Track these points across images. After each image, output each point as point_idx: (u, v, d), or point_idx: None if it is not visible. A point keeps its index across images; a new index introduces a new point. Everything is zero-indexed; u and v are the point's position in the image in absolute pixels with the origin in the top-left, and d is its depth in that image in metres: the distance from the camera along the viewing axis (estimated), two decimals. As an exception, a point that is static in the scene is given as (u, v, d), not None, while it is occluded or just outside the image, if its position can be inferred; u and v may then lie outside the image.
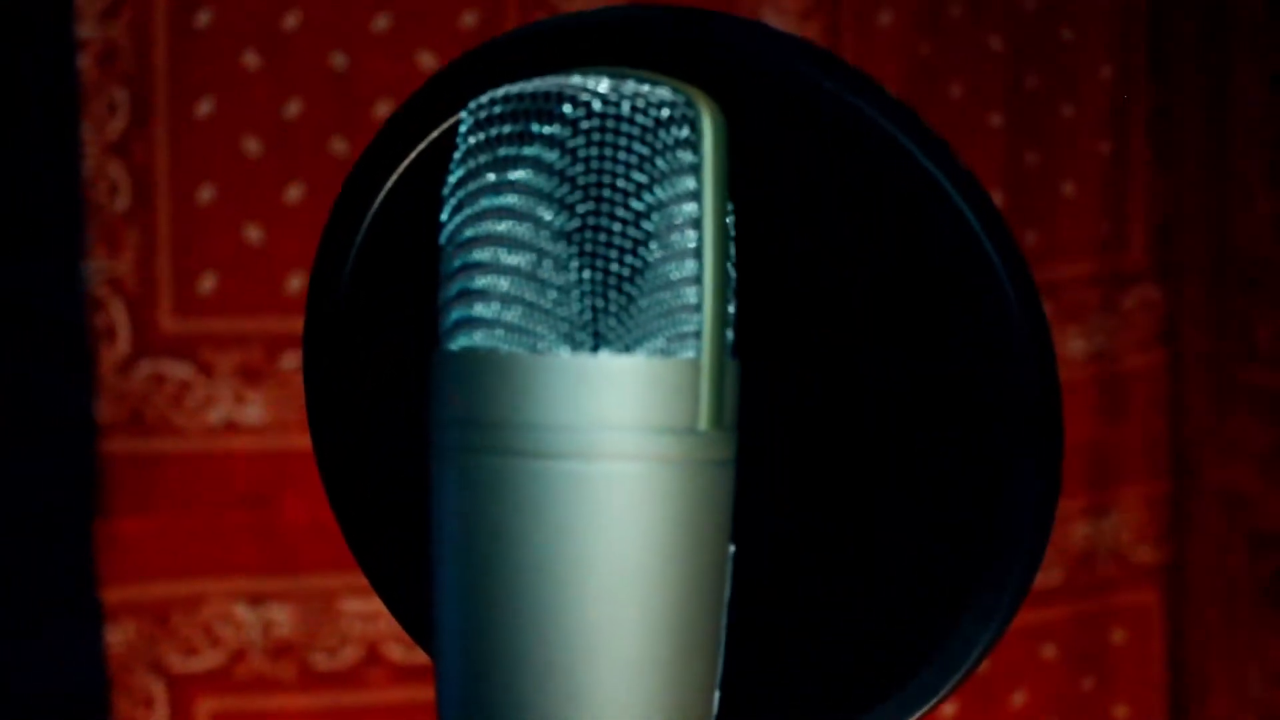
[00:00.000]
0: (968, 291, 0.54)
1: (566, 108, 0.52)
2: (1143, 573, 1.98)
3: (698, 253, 0.52)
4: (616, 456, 0.50)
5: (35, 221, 1.71)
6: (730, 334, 0.53)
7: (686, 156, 0.52)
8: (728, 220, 0.53)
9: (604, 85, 0.52)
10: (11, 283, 1.70)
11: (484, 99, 0.53)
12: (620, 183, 0.51)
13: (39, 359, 1.71)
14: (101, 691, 1.71)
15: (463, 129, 0.53)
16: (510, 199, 0.52)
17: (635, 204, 0.51)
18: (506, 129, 0.52)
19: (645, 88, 0.52)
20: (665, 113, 0.52)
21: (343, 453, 0.62)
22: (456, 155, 0.53)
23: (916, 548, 0.56)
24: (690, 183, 0.52)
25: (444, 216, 0.54)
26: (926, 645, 0.56)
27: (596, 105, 0.52)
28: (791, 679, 0.57)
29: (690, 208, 0.52)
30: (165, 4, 1.73)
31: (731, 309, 0.53)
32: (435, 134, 0.59)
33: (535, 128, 0.52)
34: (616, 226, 0.51)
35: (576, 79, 0.52)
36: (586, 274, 0.51)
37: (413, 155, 0.59)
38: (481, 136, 0.53)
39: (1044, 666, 1.95)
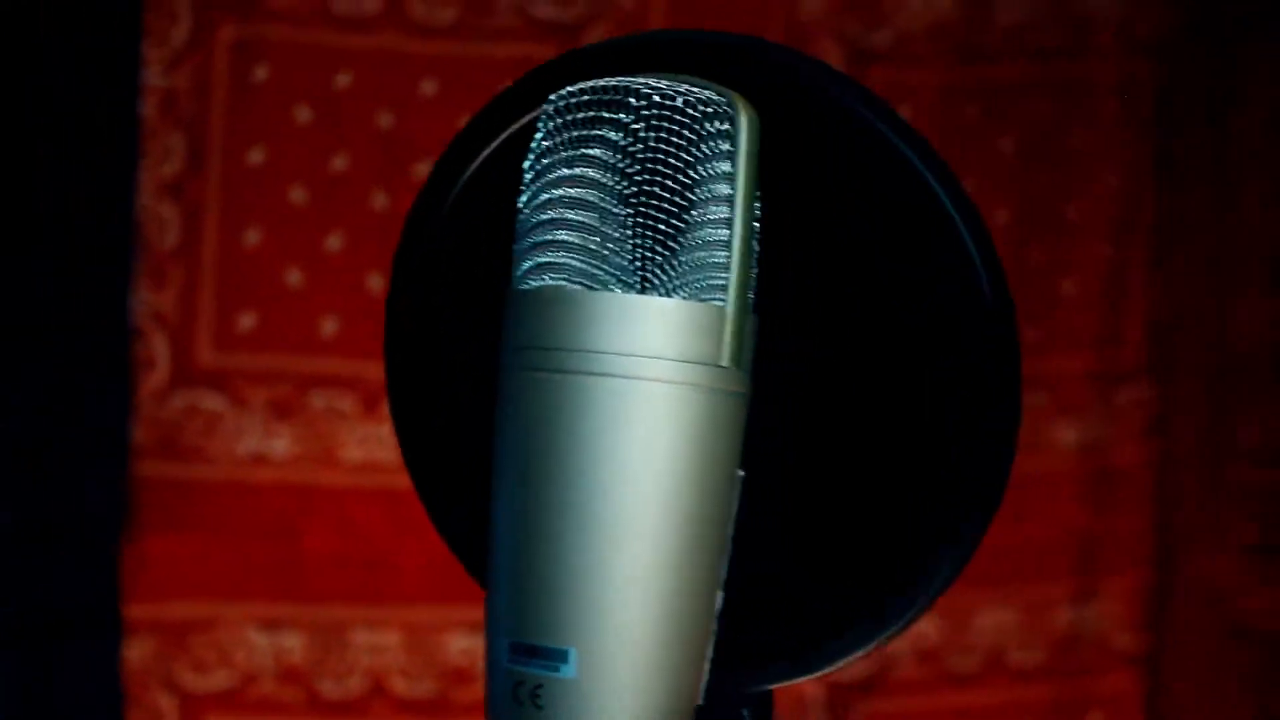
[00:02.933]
0: (941, 265, 0.65)
1: (632, 99, 0.63)
2: (1123, 660, 2.04)
3: (729, 223, 0.62)
4: (653, 379, 0.61)
5: (88, 253, 1.81)
6: (751, 294, 0.63)
7: (724, 145, 0.64)
8: (756, 203, 0.63)
9: (663, 83, 0.64)
10: (61, 309, 1.79)
11: (564, 91, 0.64)
12: (671, 160, 0.63)
13: (81, 383, 1.79)
14: (116, 704, 1.77)
15: (545, 113, 0.64)
16: (581, 169, 0.63)
17: (681, 178, 0.63)
18: (582, 114, 0.64)
19: (695, 89, 0.64)
20: (710, 109, 0.64)
21: (413, 387, 0.72)
22: (539, 134, 0.64)
23: (896, 484, 0.66)
24: (726, 166, 0.64)
25: (525, 182, 0.64)
26: (903, 568, 0.65)
27: (656, 98, 0.64)
28: (790, 595, 0.66)
29: (725, 187, 0.63)
30: (226, 58, 1.84)
31: (754, 273, 0.63)
32: (524, 120, 0.69)
33: (606, 114, 0.64)
34: (665, 194, 0.63)
35: (640, 79, 0.64)
36: (639, 231, 0.63)
37: (505, 134, 0.70)
38: (560, 120, 0.65)
39: (1024, 745, 2.01)
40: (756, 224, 0.64)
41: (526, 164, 0.64)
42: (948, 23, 1.98)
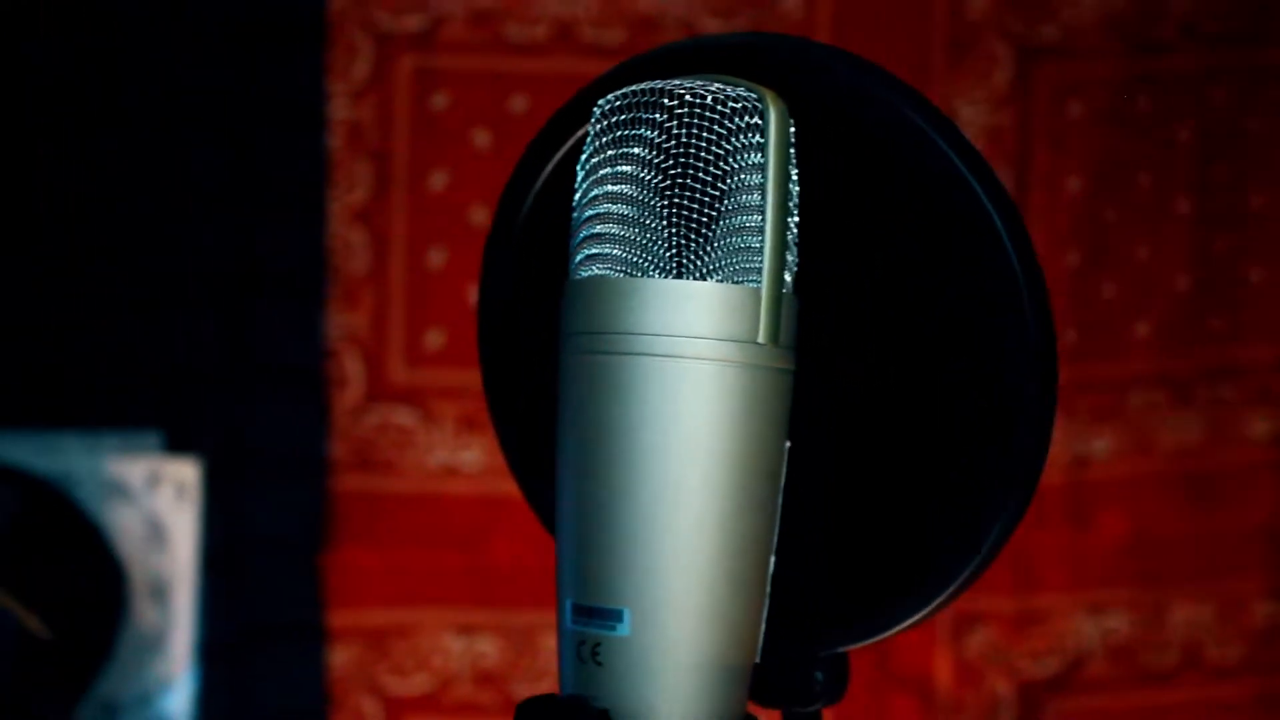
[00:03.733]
0: (981, 263, 0.67)
1: (666, 100, 0.68)
2: (1327, 655, 2.00)
3: (761, 210, 0.66)
4: (691, 357, 0.65)
5: (283, 279, 1.90)
6: (789, 276, 0.66)
7: (755, 138, 0.68)
8: (792, 190, 0.67)
9: (696, 84, 0.68)
10: (260, 334, 1.89)
11: (608, 97, 0.68)
12: (702, 154, 0.67)
13: (282, 402, 1.89)
14: (322, 708, 1.86)
15: (594, 117, 0.68)
16: (622, 167, 0.67)
17: (712, 170, 0.67)
18: (623, 117, 0.69)
19: (726, 87, 0.68)
20: (740, 104, 0.68)
21: (502, 372, 0.77)
22: (588, 138, 0.68)
23: (942, 463, 0.68)
24: (757, 158, 0.67)
25: (577, 182, 0.68)
26: (952, 536, 0.67)
27: (688, 97, 0.68)
28: (849, 562, 0.69)
29: (756, 177, 0.67)
30: (407, 88, 1.92)
31: (793, 258, 0.67)
32: (581, 131, 0.74)
33: (643, 115, 0.68)
34: (697, 186, 0.67)
35: (676, 81, 0.68)
36: (674, 221, 0.66)
37: (571, 141, 0.75)
38: (604, 124, 0.69)
39: (1225, 742, 1.98)
40: (793, 212, 0.67)
41: (578, 165, 0.69)
42: (1119, 14, 1.97)
